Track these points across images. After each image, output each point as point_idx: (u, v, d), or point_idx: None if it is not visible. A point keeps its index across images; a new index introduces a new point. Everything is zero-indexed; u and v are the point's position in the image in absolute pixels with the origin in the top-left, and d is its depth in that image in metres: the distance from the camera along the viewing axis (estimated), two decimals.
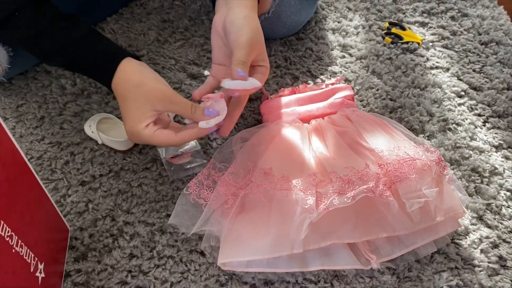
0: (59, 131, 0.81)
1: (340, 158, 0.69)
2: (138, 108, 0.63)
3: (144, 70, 0.66)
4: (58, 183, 0.74)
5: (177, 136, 0.63)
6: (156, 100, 0.62)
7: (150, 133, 0.63)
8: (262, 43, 0.66)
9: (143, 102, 0.63)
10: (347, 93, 0.81)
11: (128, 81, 0.64)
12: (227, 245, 0.64)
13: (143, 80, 0.64)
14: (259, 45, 0.65)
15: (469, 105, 0.85)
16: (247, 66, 0.62)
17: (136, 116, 0.63)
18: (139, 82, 0.63)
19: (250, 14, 0.67)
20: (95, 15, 0.97)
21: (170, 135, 0.63)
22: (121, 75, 0.65)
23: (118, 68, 0.65)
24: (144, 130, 0.63)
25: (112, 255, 0.66)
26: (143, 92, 0.63)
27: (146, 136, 0.63)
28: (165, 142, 0.64)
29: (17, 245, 0.49)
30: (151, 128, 0.63)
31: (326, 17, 1.00)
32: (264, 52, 0.67)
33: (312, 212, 0.60)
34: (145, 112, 0.63)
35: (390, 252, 0.65)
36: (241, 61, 0.62)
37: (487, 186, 0.74)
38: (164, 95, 0.63)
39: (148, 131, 0.63)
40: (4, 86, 0.87)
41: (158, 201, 0.72)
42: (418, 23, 1.00)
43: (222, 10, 0.68)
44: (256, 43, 0.64)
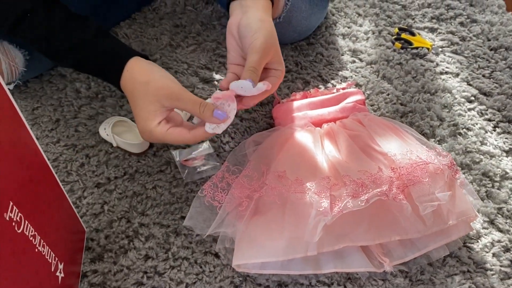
0: (74, 133, 0.82)
1: (353, 161, 0.69)
2: (147, 106, 0.63)
3: (152, 68, 0.66)
4: (74, 185, 0.75)
5: (190, 134, 0.63)
6: (163, 97, 0.62)
7: (163, 131, 0.63)
8: (277, 46, 0.67)
9: (151, 100, 0.63)
10: (358, 98, 0.82)
11: (136, 79, 0.65)
12: (241, 247, 0.65)
13: (150, 78, 0.64)
14: (273, 48, 0.66)
15: (479, 110, 0.86)
16: (258, 72, 0.63)
17: (146, 114, 0.63)
18: (146, 80, 0.64)
19: (265, 16, 0.68)
20: (108, 20, 0.98)
21: (184, 133, 0.63)
22: (129, 74, 0.66)
23: (125, 67, 0.66)
24: (156, 128, 0.63)
25: (127, 256, 0.67)
26: (150, 89, 0.63)
27: (160, 134, 0.63)
28: (178, 140, 0.64)
29: (40, 245, 0.50)
30: (164, 126, 0.63)
31: (336, 23, 1.02)
32: (279, 55, 0.67)
33: (326, 215, 0.61)
34: (154, 110, 0.63)
35: (403, 255, 0.66)
36: (252, 67, 0.62)
37: (498, 191, 0.75)
38: (172, 91, 0.63)
39: (161, 128, 0.63)
40: (20, 89, 0.88)
41: (173, 203, 0.73)
42: (427, 28, 1.01)
43: (237, 13, 0.69)
44: (270, 46, 0.65)
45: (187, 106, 0.62)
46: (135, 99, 0.64)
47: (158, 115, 0.63)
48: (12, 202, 0.44)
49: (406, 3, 1.06)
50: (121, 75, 0.66)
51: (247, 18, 0.66)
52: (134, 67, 0.66)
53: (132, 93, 0.65)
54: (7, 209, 0.43)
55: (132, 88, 0.65)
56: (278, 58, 0.67)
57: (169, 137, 0.63)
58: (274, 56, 0.66)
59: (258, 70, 0.63)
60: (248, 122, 0.83)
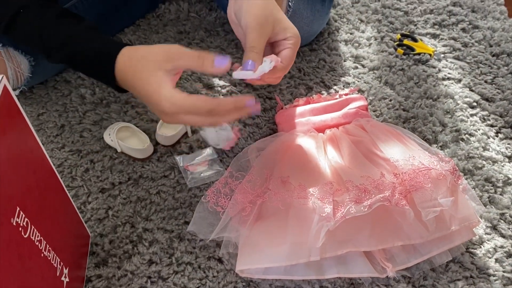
0: (79, 139, 0.82)
1: (356, 167, 0.70)
2: (152, 76, 0.59)
3: (145, 45, 0.64)
4: (79, 190, 0.76)
5: (214, 100, 0.59)
6: (163, 62, 0.59)
7: (183, 95, 0.58)
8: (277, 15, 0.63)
9: (153, 69, 0.59)
10: (361, 104, 0.82)
11: (132, 58, 0.61)
12: (244, 252, 0.65)
13: (145, 51, 0.61)
14: (270, 19, 0.62)
15: (481, 116, 0.86)
16: (258, 50, 0.60)
17: (155, 83, 0.59)
18: (142, 54, 0.61)
19: None
20: (113, 26, 0.99)
21: (206, 98, 0.59)
22: (124, 58, 0.62)
23: (119, 55, 0.62)
24: (174, 92, 0.58)
25: (131, 261, 0.68)
26: (149, 60, 0.60)
27: (181, 99, 0.58)
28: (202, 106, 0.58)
29: (45, 250, 0.50)
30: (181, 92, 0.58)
31: (339, 29, 1.02)
32: (282, 22, 0.63)
33: (329, 220, 0.61)
34: (160, 77, 0.59)
35: (405, 261, 0.66)
36: (249, 47, 0.60)
37: (500, 196, 0.75)
38: (169, 52, 0.60)
39: (180, 93, 0.58)
40: (25, 95, 0.89)
41: (176, 208, 0.73)
42: (429, 34, 1.02)
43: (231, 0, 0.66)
44: (266, 18, 0.61)
45: (187, 62, 0.59)
46: (138, 77, 0.60)
47: (168, 81, 0.59)
48: (19, 208, 0.44)
49: (408, 9, 1.07)
50: (115, 61, 0.62)
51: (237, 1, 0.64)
52: (129, 50, 0.63)
53: (133, 74, 0.61)
54: (14, 214, 0.43)
55: (130, 68, 0.61)
56: (283, 26, 0.63)
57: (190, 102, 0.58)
58: (275, 27, 0.63)
59: (257, 47, 0.60)
60: (251, 127, 0.84)
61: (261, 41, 0.61)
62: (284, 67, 0.64)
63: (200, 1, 1.07)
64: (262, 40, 0.61)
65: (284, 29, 0.63)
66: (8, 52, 0.78)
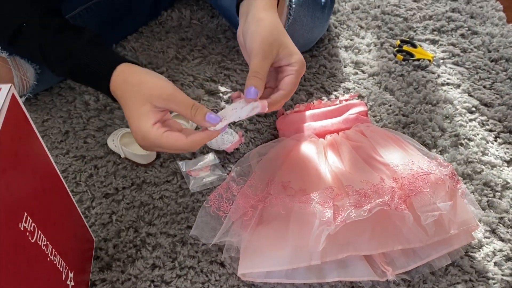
0: (83, 145, 0.84)
1: (356, 172, 0.71)
2: (139, 107, 0.60)
3: (144, 70, 0.64)
4: (83, 195, 0.77)
5: (188, 139, 0.59)
6: (155, 97, 0.59)
7: (158, 134, 0.59)
8: (281, 41, 0.62)
9: (142, 100, 0.59)
10: (361, 109, 0.83)
11: (128, 82, 0.62)
12: (246, 256, 0.66)
13: (142, 79, 0.61)
14: (275, 43, 0.62)
15: (480, 121, 0.87)
16: (262, 76, 0.60)
17: (138, 115, 0.59)
18: (138, 81, 0.61)
19: (264, 15, 0.64)
20: (116, 34, 1.01)
21: (180, 138, 0.59)
22: (121, 78, 0.63)
23: (116, 71, 0.63)
24: (151, 129, 0.59)
25: (135, 265, 0.69)
26: (142, 90, 0.60)
27: (154, 136, 0.59)
28: (175, 145, 0.59)
29: (52, 254, 0.51)
30: (159, 129, 0.59)
31: (339, 35, 1.04)
32: (288, 47, 0.63)
33: (330, 225, 0.62)
34: (147, 110, 0.59)
35: (405, 264, 0.67)
36: (254, 72, 0.60)
37: (499, 200, 0.76)
38: (163, 92, 0.60)
39: (156, 130, 0.59)
40: (30, 102, 0.91)
41: (179, 213, 0.74)
42: (428, 40, 1.03)
43: (241, 22, 0.67)
44: (270, 43, 0.61)
45: (179, 108, 0.59)
46: (127, 101, 0.61)
47: (151, 116, 0.59)
48: (26, 213, 0.45)
49: (407, 16, 1.08)
50: (110, 79, 0.63)
51: (246, 24, 0.64)
52: (126, 70, 0.63)
53: (124, 96, 0.62)
54: (22, 219, 0.44)
55: (122, 91, 0.62)
56: (288, 51, 0.63)
57: (164, 140, 0.59)
58: (280, 52, 0.62)
59: (261, 73, 0.60)
60: (253, 133, 0.85)
61: (265, 66, 0.61)
62: (286, 94, 0.63)
63: (202, 8, 1.08)
64: (266, 65, 0.61)
65: (289, 54, 0.63)
66: (14, 60, 0.79)
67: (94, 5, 0.93)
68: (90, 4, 0.92)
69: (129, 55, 0.98)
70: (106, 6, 0.95)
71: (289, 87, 0.63)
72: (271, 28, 0.63)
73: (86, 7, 0.92)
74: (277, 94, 0.63)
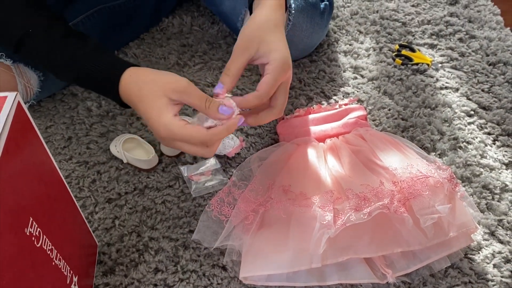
0: (86, 151, 0.85)
1: (355, 176, 0.72)
2: (156, 101, 0.60)
3: (153, 69, 0.65)
4: (86, 200, 0.78)
5: (208, 132, 0.60)
6: (170, 90, 0.60)
7: (181, 125, 0.59)
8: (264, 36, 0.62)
9: (159, 94, 0.60)
10: (360, 113, 0.84)
11: (140, 81, 0.63)
12: (248, 260, 0.67)
13: (154, 76, 0.62)
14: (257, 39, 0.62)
15: (478, 124, 0.88)
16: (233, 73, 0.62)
17: (157, 110, 0.60)
18: (152, 78, 0.62)
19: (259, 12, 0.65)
20: (118, 41, 1.02)
21: (202, 130, 0.60)
22: (131, 80, 0.63)
23: (124, 74, 0.64)
24: (173, 120, 0.59)
25: (138, 269, 0.69)
26: (157, 85, 0.61)
27: (177, 127, 0.59)
28: (196, 137, 0.59)
29: (56, 258, 0.52)
30: (181, 121, 0.60)
31: (338, 40, 1.05)
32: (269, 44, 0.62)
33: (330, 228, 0.63)
34: (165, 103, 0.60)
35: (405, 267, 0.67)
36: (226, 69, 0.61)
37: (498, 203, 0.76)
38: (179, 85, 0.61)
39: (179, 122, 0.59)
40: (34, 109, 0.92)
41: (181, 217, 0.75)
42: (427, 45, 1.04)
43: None
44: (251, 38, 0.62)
45: (193, 100, 0.60)
46: (143, 98, 0.61)
47: (170, 108, 0.60)
48: (31, 218, 0.46)
49: (406, 20, 1.09)
50: (119, 82, 0.64)
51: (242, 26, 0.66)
52: (136, 72, 0.64)
53: (139, 94, 0.62)
54: (27, 224, 0.45)
55: (138, 90, 0.62)
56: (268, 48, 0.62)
57: (186, 132, 0.59)
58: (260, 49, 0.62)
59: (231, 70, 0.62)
60: (253, 138, 0.86)
61: (237, 64, 0.62)
62: (258, 95, 0.62)
63: (203, 14, 1.10)
64: (239, 63, 0.62)
65: (268, 51, 0.62)
66: (18, 67, 0.81)
67: (96, 13, 0.94)
68: (92, 12, 0.93)
69: (131, 61, 0.99)
70: (108, 13, 0.96)
71: (263, 86, 0.62)
72: (258, 24, 0.63)
73: (88, 14, 0.93)
74: (251, 94, 0.62)
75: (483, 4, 1.13)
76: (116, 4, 0.97)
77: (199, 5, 1.12)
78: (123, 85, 0.64)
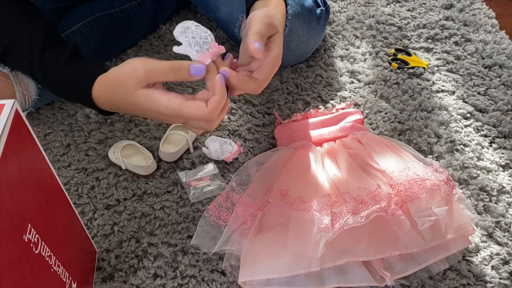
0: (84, 157, 0.85)
1: (353, 179, 0.72)
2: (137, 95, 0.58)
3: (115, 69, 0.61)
4: (85, 207, 0.78)
5: (209, 106, 0.57)
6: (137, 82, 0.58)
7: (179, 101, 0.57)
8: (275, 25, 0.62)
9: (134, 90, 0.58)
10: (357, 117, 0.85)
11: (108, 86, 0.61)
12: (247, 264, 0.67)
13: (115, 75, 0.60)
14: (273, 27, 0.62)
15: (475, 127, 0.89)
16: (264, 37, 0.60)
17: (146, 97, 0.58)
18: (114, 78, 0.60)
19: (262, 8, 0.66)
20: (116, 48, 1.03)
21: (202, 106, 0.57)
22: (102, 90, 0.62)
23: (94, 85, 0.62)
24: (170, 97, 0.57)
25: (137, 275, 0.70)
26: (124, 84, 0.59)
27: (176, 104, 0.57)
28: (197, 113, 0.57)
29: (55, 265, 0.52)
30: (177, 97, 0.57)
31: (335, 45, 1.05)
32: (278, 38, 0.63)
33: (328, 232, 0.63)
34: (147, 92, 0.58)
35: (403, 269, 0.67)
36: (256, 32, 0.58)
37: (495, 205, 0.77)
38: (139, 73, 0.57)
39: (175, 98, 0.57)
40: (32, 116, 0.92)
41: (180, 223, 0.76)
42: (423, 48, 1.05)
43: None
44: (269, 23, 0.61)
45: (163, 77, 0.58)
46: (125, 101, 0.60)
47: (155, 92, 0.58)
48: (30, 225, 0.47)
49: (402, 25, 1.10)
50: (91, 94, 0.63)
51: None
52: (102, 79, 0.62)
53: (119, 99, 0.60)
54: (26, 231, 0.46)
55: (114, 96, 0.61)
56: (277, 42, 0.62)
57: (186, 109, 0.57)
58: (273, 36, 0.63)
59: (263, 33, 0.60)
60: (251, 142, 0.86)
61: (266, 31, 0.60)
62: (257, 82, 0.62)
63: (200, 21, 1.10)
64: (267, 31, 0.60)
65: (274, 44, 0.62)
66: (16, 75, 0.81)
67: (93, 21, 0.95)
68: (90, 19, 0.94)
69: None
70: (106, 21, 0.97)
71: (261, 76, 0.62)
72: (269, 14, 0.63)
73: (86, 22, 0.94)
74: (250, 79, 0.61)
75: (478, 8, 1.14)
76: (114, 12, 0.98)
77: (196, 12, 1.13)
78: (97, 99, 0.63)
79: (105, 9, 0.97)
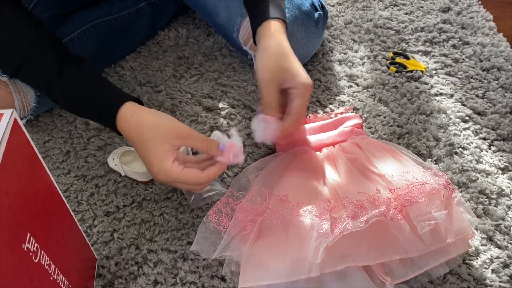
0: (84, 164, 0.85)
1: (352, 184, 0.72)
2: (159, 147, 0.65)
3: (156, 112, 0.69)
4: (85, 214, 0.78)
5: (204, 174, 0.66)
6: (173, 137, 0.65)
7: (178, 170, 0.65)
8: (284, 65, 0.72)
9: (162, 140, 0.65)
10: (356, 122, 0.85)
11: (143, 124, 0.66)
12: (246, 270, 0.67)
13: (158, 121, 0.66)
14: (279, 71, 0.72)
15: (474, 130, 0.89)
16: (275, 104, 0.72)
17: (159, 155, 0.65)
18: (154, 123, 0.66)
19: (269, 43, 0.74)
20: (114, 54, 1.03)
21: (198, 173, 0.66)
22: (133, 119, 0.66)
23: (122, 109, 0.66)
24: (172, 167, 0.65)
25: (137, 282, 0.70)
26: (161, 131, 0.65)
27: (175, 174, 0.65)
28: (193, 180, 0.66)
29: (55, 273, 0.52)
30: (179, 166, 0.66)
31: (333, 49, 1.06)
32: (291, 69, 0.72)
33: (327, 237, 0.63)
34: (166, 150, 0.65)
35: (403, 274, 0.67)
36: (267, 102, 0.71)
37: (495, 208, 0.77)
38: (181, 131, 0.67)
39: (176, 168, 0.65)
40: (32, 123, 0.92)
41: (180, 229, 0.75)
42: (421, 52, 1.05)
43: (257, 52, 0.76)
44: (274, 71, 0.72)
45: (196, 143, 0.67)
46: (145, 143, 0.66)
47: (170, 155, 0.65)
48: (29, 234, 0.47)
49: (399, 28, 1.10)
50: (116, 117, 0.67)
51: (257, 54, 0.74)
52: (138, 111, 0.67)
53: (139, 135, 0.66)
54: (25, 240, 0.46)
55: (140, 132, 0.66)
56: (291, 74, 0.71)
57: (184, 177, 0.65)
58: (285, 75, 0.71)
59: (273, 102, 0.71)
60: (251, 148, 0.86)
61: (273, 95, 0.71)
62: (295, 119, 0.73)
63: (198, 27, 1.11)
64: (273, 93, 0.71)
65: (291, 77, 0.71)
66: (15, 83, 0.81)
67: (92, 28, 0.95)
68: (88, 26, 0.95)
69: (127, 74, 1.00)
70: (104, 27, 0.97)
71: (297, 109, 0.72)
72: (275, 56, 0.72)
73: (84, 29, 0.94)
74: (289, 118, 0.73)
75: (476, 11, 1.14)
76: (112, 18, 0.99)
77: (195, 18, 1.14)
78: (122, 122, 0.67)
79: (103, 16, 0.97)
